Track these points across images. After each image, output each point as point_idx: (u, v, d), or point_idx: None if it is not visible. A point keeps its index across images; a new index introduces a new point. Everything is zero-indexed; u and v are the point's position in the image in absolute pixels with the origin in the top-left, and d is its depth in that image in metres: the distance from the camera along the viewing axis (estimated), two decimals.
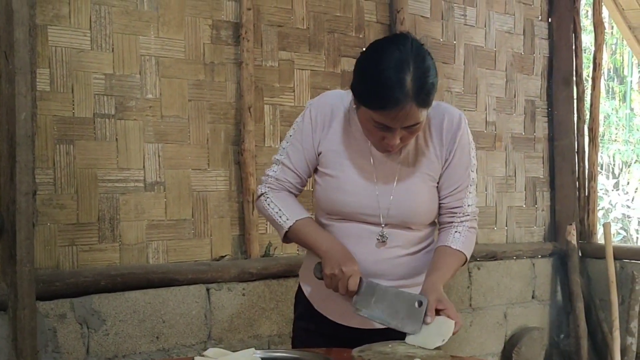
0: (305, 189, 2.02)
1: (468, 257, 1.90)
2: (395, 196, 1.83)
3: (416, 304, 1.69)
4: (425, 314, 1.69)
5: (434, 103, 1.88)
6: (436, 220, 1.97)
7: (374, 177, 1.84)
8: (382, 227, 1.84)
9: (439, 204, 1.91)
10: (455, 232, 1.89)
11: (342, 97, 1.91)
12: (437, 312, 1.70)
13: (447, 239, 1.88)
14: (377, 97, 1.66)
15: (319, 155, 1.89)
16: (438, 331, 1.67)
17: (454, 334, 1.68)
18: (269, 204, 1.91)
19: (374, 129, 1.73)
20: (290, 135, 1.93)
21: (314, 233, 1.86)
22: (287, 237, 1.89)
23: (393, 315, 1.72)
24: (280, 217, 1.88)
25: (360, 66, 1.75)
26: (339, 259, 1.77)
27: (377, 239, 1.85)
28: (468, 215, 1.91)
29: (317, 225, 1.89)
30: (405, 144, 1.79)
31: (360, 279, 1.75)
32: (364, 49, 1.79)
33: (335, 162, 1.86)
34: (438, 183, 1.90)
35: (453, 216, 1.90)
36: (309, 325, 1.97)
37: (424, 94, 1.67)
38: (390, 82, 1.64)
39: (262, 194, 1.94)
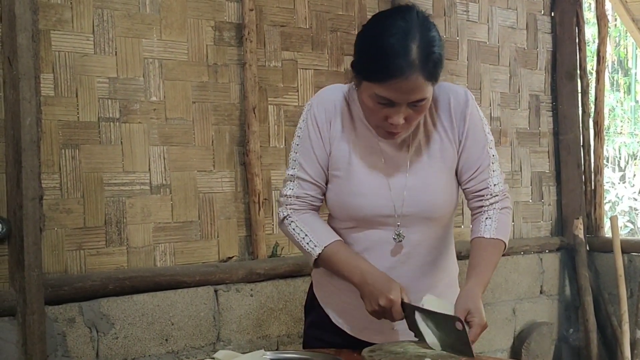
0: None
1: (506, 241, 1.76)
2: (408, 189, 1.72)
3: (456, 326, 1.55)
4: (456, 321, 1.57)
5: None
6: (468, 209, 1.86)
7: (385, 173, 1.73)
8: (398, 226, 1.73)
9: (464, 189, 1.79)
10: (487, 218, 1.75)
11: (342, 90, 1.79)
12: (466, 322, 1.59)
13: (480, 228, 1.75)
14: (380, 66, 1.55)
15: (329, 155, 1.77)
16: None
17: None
18: (294, 229, 1.78)
19: (376, 108, 1.61)
20: (297, 144, 1.79)
21: (345, 261, 1.72)
22: (317, 264, 1.77)
23: (443, 340, 1.61)
24: (307, 243, 1.75)
25: (361, 38, 1.64)
26: (374, 293, 1.64)
27: (394, 239, 1.74)
28: (497, 195, 1.77)
29: (347, 250, 1.75)
30: (410, 127, 1.66)
31: (403, 302, 1.62)
32: (365, 23, 1.67)
33: (344, 162, 1.74)
34: (457, 168, 1.78)
35: (481, 199, 1.78)
36: (323, 335, 1.88)
37: (430, 65, 1.56)
38: (395, 49, 1.53)
39: (285, 217, 1.80)
